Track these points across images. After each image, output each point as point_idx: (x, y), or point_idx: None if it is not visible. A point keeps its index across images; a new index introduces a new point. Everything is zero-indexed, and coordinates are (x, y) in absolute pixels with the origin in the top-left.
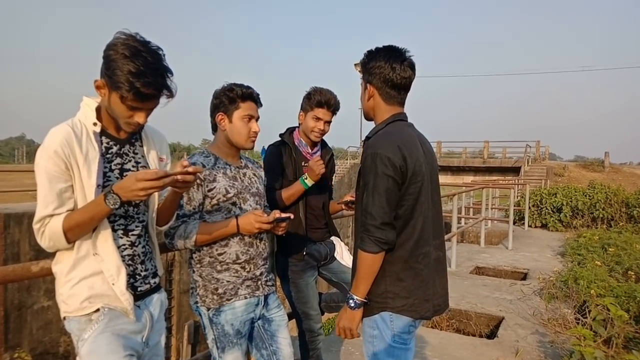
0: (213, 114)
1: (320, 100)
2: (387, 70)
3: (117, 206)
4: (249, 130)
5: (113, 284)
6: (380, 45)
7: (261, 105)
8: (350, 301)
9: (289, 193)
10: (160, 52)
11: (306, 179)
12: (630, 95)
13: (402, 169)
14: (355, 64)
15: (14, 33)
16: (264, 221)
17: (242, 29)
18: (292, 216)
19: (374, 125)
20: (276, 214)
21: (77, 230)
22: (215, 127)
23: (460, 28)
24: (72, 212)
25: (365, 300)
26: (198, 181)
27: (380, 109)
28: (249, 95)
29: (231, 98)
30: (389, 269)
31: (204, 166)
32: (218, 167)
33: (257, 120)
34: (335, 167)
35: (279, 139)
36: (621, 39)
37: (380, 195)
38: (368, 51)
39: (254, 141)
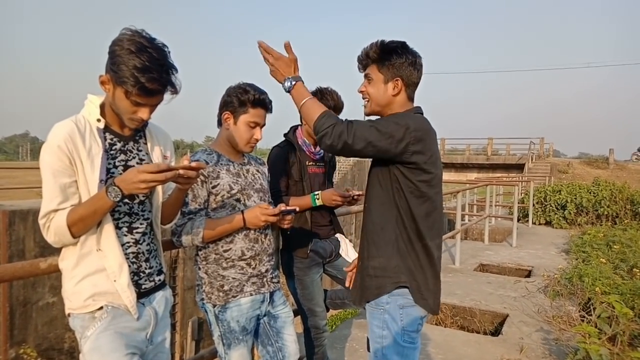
0: (221, 110)
1: (329, 106)
2: (414, 69)
3: (118, 199)
4: (250, 136)
5: (115, 281)
6: (391, 40)
7: (271, 111)
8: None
9: (296, 203)
10: (166, 49)
11: (318, 198)
12: (636, 92)
13: (407, 146)
14: (365, 59)
15: (16, 28)
16: (270, 214)
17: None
18: (297, 209)
19: None
20: (282, 206)
21: (81, 224)
22: (221, 122)
23: (462, 23)
24: (76, 207)
25: (291, 83)
26: (202, 178)
27: (401, 105)
28: (261, 102)
29: (242, 101)
30: (402, 246)
31: (207, 163)
32: (221, 164)
33: (262, 126)
34: (338, 164)
35: (283, 138)
36: (627, 35)
37: (373, 135)
38: (386, 45)
39: (252, 147)
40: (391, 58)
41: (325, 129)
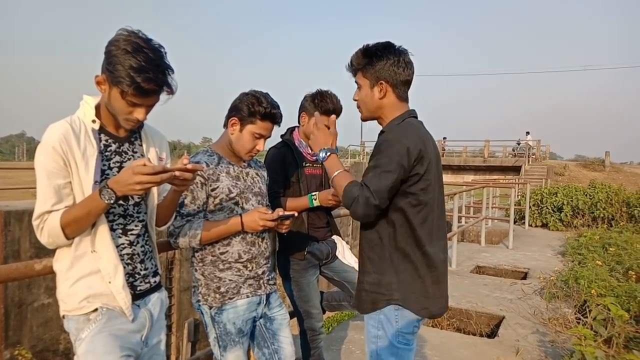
0: (229, 114)
1: (329, 109)
2: (399, 68)
3: (112, 201)
4: (253, 147)
5: (110, 282)
6: (375, 43)
7: (280, 125)
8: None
9: (294, 205)
10: (162, 50)
11: (315, 199)
12: (632, 95)
13: (414, 164)
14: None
15: (15, 27)
16: (268, 219)
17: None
18: (295, 214)
19: (375, 124)
20: (280, 211)
21: (75, 226)
22: (227, 124)
23: (458, 25)
24: (70, 208)
25: (326, 154)
26: (202, 180)
27: (392, 107)
28: (271, 116)
29: (252, 112)
30: (396, 261)
31: (207, 165)
32: (221, 166)
33: (267, 138)
34: None
35: (280, 139)
36: (624, 38)
37: (388, 180)
38: (366, 50)
39: (252, 157)
40: (372, 62)
41: (352, 204)
